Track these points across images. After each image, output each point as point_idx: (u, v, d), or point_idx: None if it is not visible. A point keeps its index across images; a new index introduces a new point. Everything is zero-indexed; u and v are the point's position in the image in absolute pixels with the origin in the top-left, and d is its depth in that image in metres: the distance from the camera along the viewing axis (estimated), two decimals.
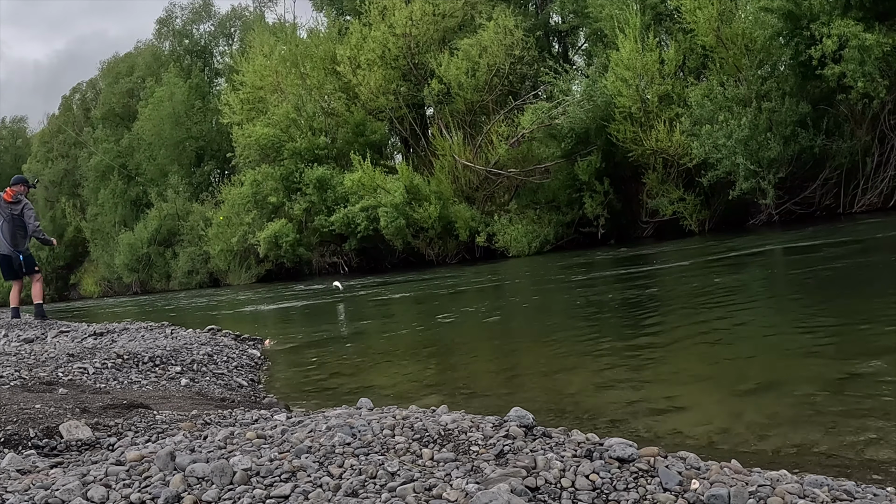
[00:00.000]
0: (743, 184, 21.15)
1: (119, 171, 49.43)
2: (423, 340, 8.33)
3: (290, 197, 32.20)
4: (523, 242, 26.55)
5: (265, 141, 32.42)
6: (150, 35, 53.78)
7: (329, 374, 6.62)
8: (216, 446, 2.99)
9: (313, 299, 17.65)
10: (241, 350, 7.92)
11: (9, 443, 3.35)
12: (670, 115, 23.67)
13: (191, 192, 44.92)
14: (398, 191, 27.84)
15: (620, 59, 24.23)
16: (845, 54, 18.68)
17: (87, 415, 3.90)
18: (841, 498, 2.41)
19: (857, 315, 6.31)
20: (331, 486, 2.49)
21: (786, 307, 7.41)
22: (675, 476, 2.49)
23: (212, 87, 49.40)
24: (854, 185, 21.64)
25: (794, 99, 21.02)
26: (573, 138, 25.94)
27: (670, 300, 9.16)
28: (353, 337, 9.27)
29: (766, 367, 4.87)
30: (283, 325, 12.66)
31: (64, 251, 57.04)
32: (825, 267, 10.15)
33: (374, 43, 31.19)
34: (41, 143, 59.27)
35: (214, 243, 37.80)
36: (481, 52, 28.80)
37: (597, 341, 6.60)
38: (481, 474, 2.56)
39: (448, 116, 30.40)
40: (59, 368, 5.90)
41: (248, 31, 43.08)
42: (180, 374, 6.21)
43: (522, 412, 3.14)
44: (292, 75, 33.75)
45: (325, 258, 33.23)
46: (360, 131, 32.42)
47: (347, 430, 3.05)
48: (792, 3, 19.54)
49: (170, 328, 9.86)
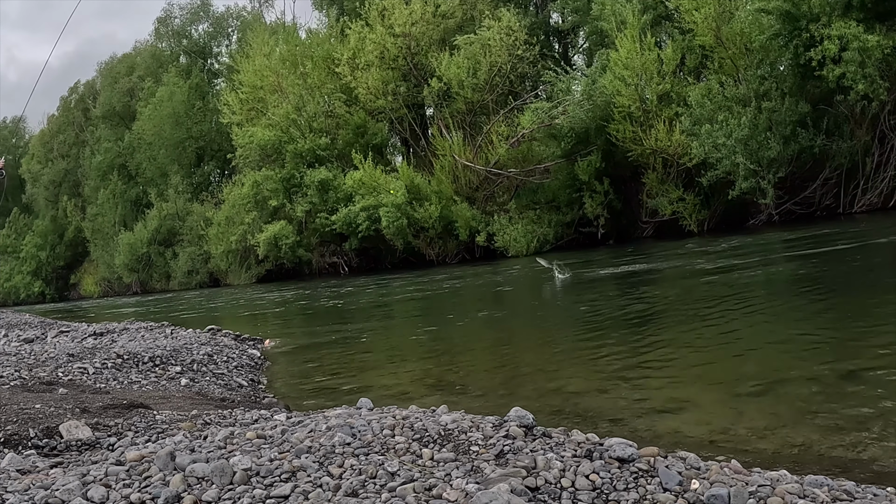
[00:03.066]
0: (742, 183, 21.14)
1: (119, 170, 49.39)
2: (422, 340, 8.33)
3: (290, 198, 32.20)
4: (523, 242, 26.56)
5: (265, 143, 32.42)
6: (148, 35, 53.80)
7: (329, 374, 6.62)
8: (216, 446, 2.99)
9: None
10: (241, 350, 7.92)
11: (9, 443, 3.35)
12: (670, 115, 23.66)
13: (191, 192, 44.92)
14: (400, 190, 27.86)
15: (619, 58, 24.23)
16: (845, 56, 18.64)
17: (87, 415, 3.90)
18: (841, 498, 2.41)
19: (856, 316, 6.31)
20: (331, 486, 2.49)
21: (785, 308, 7.41)
22: (675, 476, 2.49)
23: (212, 86, 49.38)
24: (854, 185, 21.63)
25: (793, 99, 21.00)
26: (573, 138, 25.94)
27: (669, 301, 9.16)
28: (353, 337, 9.26)
29: (766, 368, 4.87)
30: (283, 326, 12.67)
31: (64, 251, 57.04)
32: (825, 267, 10.14)
33: (372, 44, 31.19)
34: (41, 143, 59.30)
35: (215, 243, 37.81)
36: (483, 50, 28.80)
37: (596, 341, 6.60)
38: (481, 474, 2.56)
39: (448, 116, 30.40)
40: (59, 368, 5.90)
41: (247, 30, 43.04)
42: (180, 374, 6.21)
43: (522, 412, 3.14)
44: (292, 75, 33.74)
45: (325, 258, 33.23)
46: (360, 132, 32.44)
47: (347, 430, 3.05)
48: (790, 4, 19.49)
49: (170, 328, 9.86)
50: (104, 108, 52.94)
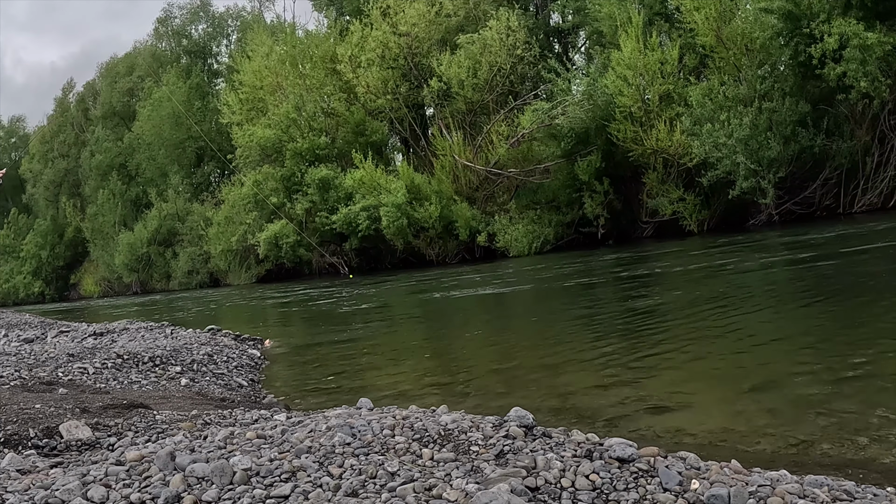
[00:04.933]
0: (743, 183, 21.15)
1: (119, 170, 49.35)
2: (423, 340, 8.34)
3: (290, 197, 32.19)
4: (524, 242, 26.56)
5: (265, 143, 32.42)
6: (147, 35, 53.74)
7: (329, 374, 6.62)
8: (216, 446, 2.99)
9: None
10: (241, 350, 7.92)
11: (9, 443, 3.35)
12: (671, 115, 23.66)
13: (191, 192, 44.93)
14: (400, 190, 27.86)
15: (622, 58, 24.22)
16: (846, 54, 18.66)
17: (87, 415, 3.90)
18: (841, 498, 2.41)
19: (856, 316, 6.31)
20: (331, 486, 2.49)
21: (785, 308, 7.40)
22: (675, 476, 2.49)
23: (211, 87, 49.38)
24: (854, 185, 21.62)
25: (794, 99, 21.02)
26: (573, 138, 25.92)
27: (669, 301, 9.15)
28: (353, 337, 9.26)
29: (766, 367, 4.87)
30: (283, 326, 12.67)
31: (64, 251, 57.02)
32: (825, 268, 10.14)
33: (374, 42, 31.20)
34: (41, 142, 59.32)
35: (215, 243, 37.81)
36: (483, 50, 28.80)
37: (596, 341, 6.60)
38: (481, 474, 2.56)
39: (448, 116, 30.40)
40: (59, 368, 5.90)
41: (247, 30, 43.05)
42: (180, 374, 6.21)
43: (522, 412, 3.14)
44: (292, 75, 33.73)
45: (324, 258, 33.23)
46: (360, 131, 32.43)
47: (347, 430, 3.05)
48: (792, 3, 19.52)
49: (170, 328, 9.86)
50: (104, 108, 52.99)
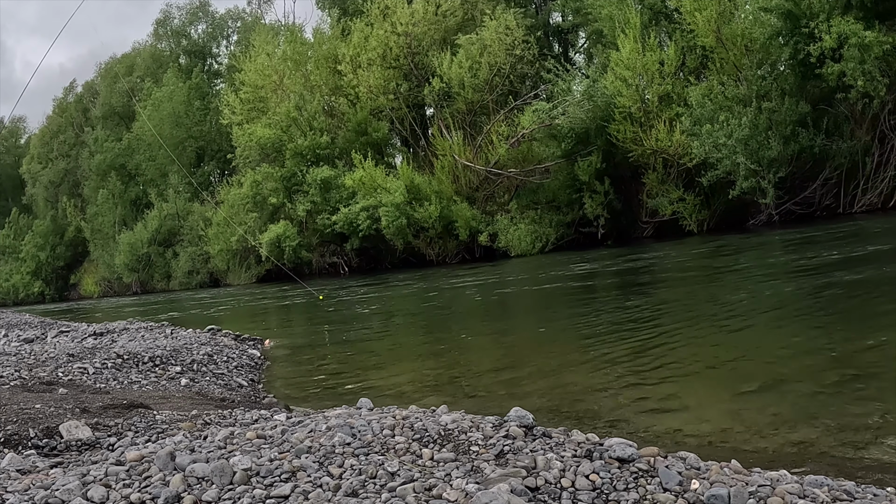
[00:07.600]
0: (743, 183, 21.15)
1: (119, 171, 49.31)
2: (422, 340, 8.33)
3: (290, 198, 32.17)
4: (525, 242, 26.55)
5: (266, 142, 32.40)
6: (147, 36, 53.76)
7: (329, 374, 6.62)
8: (216, 446, 2.99)
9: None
10: (241, 350, 7.92)
11: (9, 443, 3.35)
12: (670, 115, 23.66)
13: (191, 193, 44.91)
14: (399, 190, 27.85)
15: (621, 58, 24.23)
16: (845, 53, 18.67)
17: (87, 415, 3.90)
18: (841, 498, 2.40)
19: (856, 317, 6.31)
20: (331, 486, 2.49)
21: (785, 308, 7.40)
22: (675, 476, 2.49)
23: (211, 87, 49.38)
24: (854, 185, 21.62)
25: (793, 99, 21.02)
26: (573, 138, 25.93)
27: (669, 301, 9.15)
28: (353, 337, 9.26)
29: (766, 368, 4.87)
30: (283, 325, 12.67)
31: (64, 251, 56.98)
32: (825, 268, 10.14)
33: (375, 41, 31.20)
34: (41, 143, 59.30)
35: (214, 243, 37.79)
36: (482, 50, 28.81)
37: (597, 341, 6.60)
38: (481, 474, 2.56)
39: (448, 116, 30.40)
40: (59, 368, 5.90)
41: (248, 31, 43.06)
42: (180, 374, 6.21)
43: (522, 412, 3.14)
44: (294, 74, 33.73)
45: (325, 258, 33.20)
46: (361, 130, 32.42)
47: (347, 431, 3.05)
48: (791, 3, 19.53)
49: (170, 328, 9.85)
50: (104, 109, 52.99)
